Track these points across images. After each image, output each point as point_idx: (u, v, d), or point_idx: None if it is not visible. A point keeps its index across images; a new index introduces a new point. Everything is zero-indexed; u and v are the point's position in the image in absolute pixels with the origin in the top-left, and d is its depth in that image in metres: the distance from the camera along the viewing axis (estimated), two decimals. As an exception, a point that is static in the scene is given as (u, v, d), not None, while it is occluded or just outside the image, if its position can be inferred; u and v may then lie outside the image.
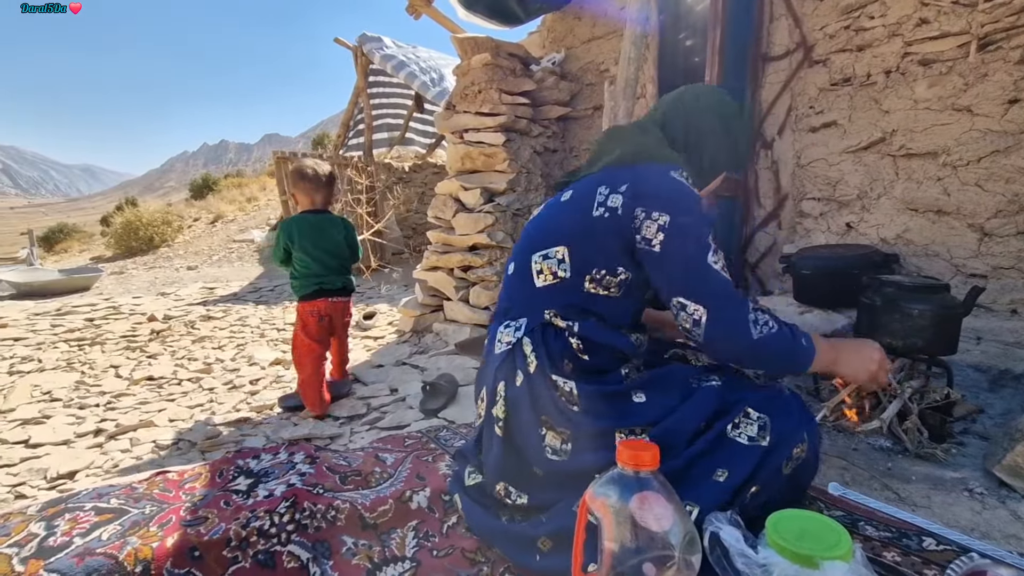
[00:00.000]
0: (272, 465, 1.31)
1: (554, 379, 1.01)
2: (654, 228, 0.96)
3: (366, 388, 2.49)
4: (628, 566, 0.73)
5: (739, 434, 0.97)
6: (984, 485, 1.17)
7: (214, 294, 5.50)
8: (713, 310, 0.94)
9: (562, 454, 1.01)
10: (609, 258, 1.02)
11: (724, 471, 0.95)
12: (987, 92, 2.02)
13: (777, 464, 0.97)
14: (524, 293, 1.10)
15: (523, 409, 1.03)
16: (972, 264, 2.07)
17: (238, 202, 12.63)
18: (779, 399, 1.02)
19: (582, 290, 1.05)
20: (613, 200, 1.01)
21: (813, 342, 1.00)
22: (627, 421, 0.99)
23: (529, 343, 1.05)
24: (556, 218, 1.10)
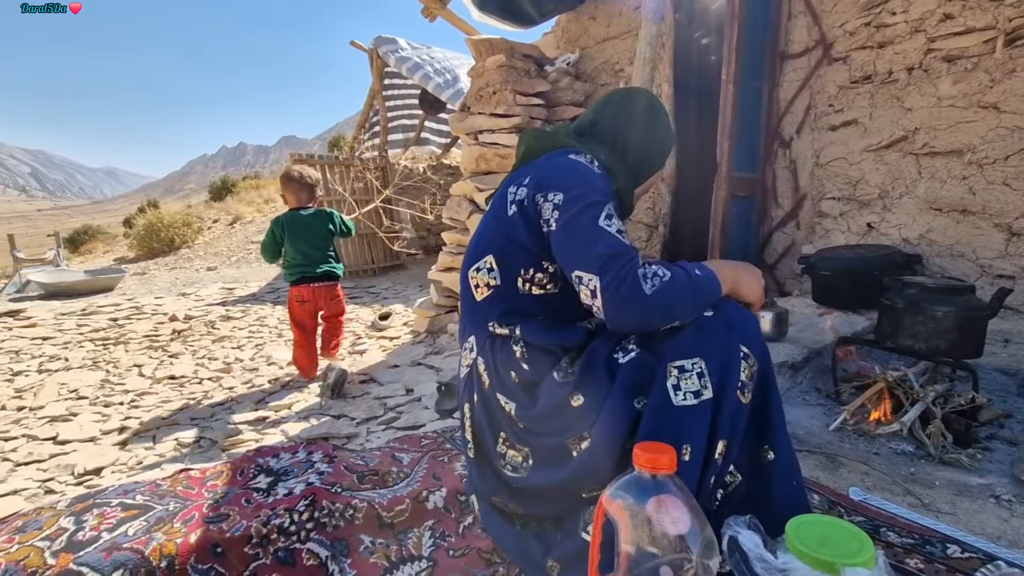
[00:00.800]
0: (291, 464, 1.33)
1: (499, 398, 1.01)
2: (550, 208, 0.95)
3: (382, 388, 2.51)
4: (645, 569, 0.73)
5: (684, 395, 0.86)
6: (1012, 492, 1.14)
7: (233, 294, 5.59)
8: (602, 276, 0.87)
9: (522, 471, 0.99)
10: (531, 256, 1.00)
11: (687, 445, 0.85)
12: (1015, 88, 1.97)
13: (732, 404, 0.87)
14: (470, 310, 1.10)
15: (484, 429, 1.04)
16: (999, 265, 2.02)
17: (256, 203, 12.82)
18: (700, 328, 0.89)
19: (519, 292, 1.02)
20: (519, 193, 1.01)
21: (713, 272, 0.93)
22: (571, 432, 0.94)
23: (482, 362, 1.04)
24: (481, 229, 1.09)
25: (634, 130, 1.14)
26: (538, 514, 1.04)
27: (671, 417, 0.86)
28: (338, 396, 2.44)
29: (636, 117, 1.15)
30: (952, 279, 1.70)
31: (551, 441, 0.96)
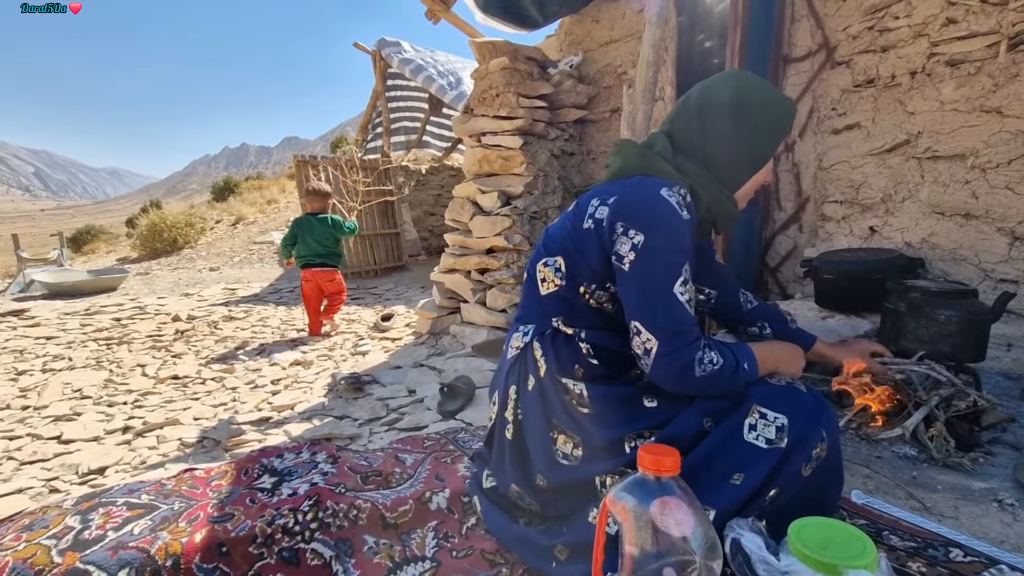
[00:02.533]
0: (295, 464, 1.34)
1: (564, 382, 1.03)
2: (628, 246, 0.95)
3: (384, 389, 2.52)
4: (649, 571, 0.73)
5: (756, 436, 0.93)
6: (1015, 496, 1.15)
7: (236, 295, 5.61)
8: (663, 344, 0.93)
9: (572, 459, 1.02)
10: (595, 273, 1.02)
11: (740, 475, 0.92)
12: (1018, 93, 1.97)
13: (796, 466, 0.93)
14: (532, 300, 1.13)
15: (535, 414, 1.05)
16: (1002, 269, 2.02)
17: (258, 204, 12.85)
18: (794, 396, 0.97)
19: (580, 299, 1.05)
20: (600, 212, 1.00)
21: (757, 361, 0.99)
22: (636, 425, 0.99)
23: (539, 347, 1.07)
24: (559, 226, 1.11)
25: (714, 137, 1.05)
26: (551, 512, 1.06)
27: (737, 446, 0.93)
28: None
29: (716, 120, 1.04)
30: (955, 283, 1.70)
31: (610, 433, 0.99)
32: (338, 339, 3.62)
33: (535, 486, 1.06)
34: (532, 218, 3.27)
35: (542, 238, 1.15)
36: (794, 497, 0.95)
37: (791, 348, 1.10)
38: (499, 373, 1.16)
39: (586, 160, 3.74)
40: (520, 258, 3.21)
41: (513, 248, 3.18)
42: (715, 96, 1.05)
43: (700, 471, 0.95)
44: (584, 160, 3.75)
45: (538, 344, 1.07)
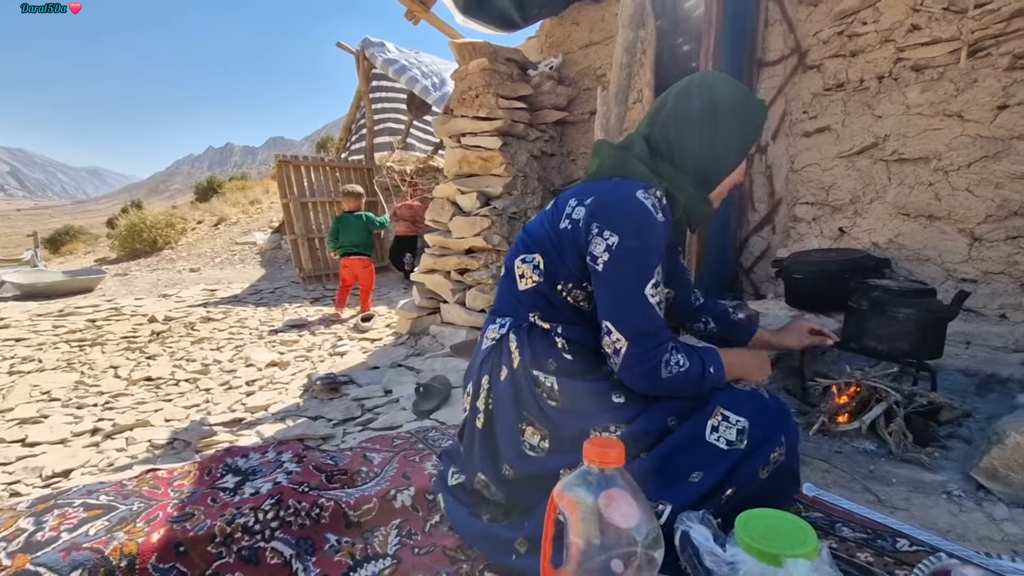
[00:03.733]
0: (260, 463, 1.33)
1: (536, 375, 1.04)
2: (602, 247, 0.96)
3: (360, 389, 2.51)
4: (597, 563, 0.74)
5: (718, 438, 0.96)
6: (963, 488, 1.18)
7: (215, 296, 5.54)
8: (632, 345, 0.96)
9: (539, 451, 1.03)
10: (572, 273, 1.04)
11: (699, 473, 0.95)
12: (977, 98, 2.03)
13: (754, 468, 0.96)
14: (509, 294, 1.14)
15: (506, 404, 1.06)
16: (963, 269, 2.08)
17: (241, 205, 12.69)
18: (757, 401, 1.00)
19: (558, 296, 1.07)
20: (577, 212, 1.02)
21: (723, 366, 1.01)
22: (603, 419, 1.00)
23: (514, 339, 1.08)
24: (538, 223, 1.12)
25: (690, 139, 1.06)
26: (515, 504, 1.08)
27: (698, 446, 0.96)
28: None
29: (692, 123, 1.05)
30: (915, 282, 1.74)
31: (577, 425, 1.01)
32: (317, 339, 3.60)
33: (502, 476, 1.07)
34: (511, 219, 3.29)
35: (520, 234, 1.16)
36: (749, 496, 0.97)
37: (758, 355, 1.12)
38: (473, 364, 1.17)
39: (566, 161, 3.76)
40: (499, 258, 3.22)
41: (492, 248, 3.19)
42: (690, 99, 1.06)
43: (661, 467, 0.97)
44: (564, 161, 3.77)
45: (514, 336, 1.08)
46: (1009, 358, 1.74)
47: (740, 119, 1.07)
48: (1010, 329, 1.85)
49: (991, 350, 1.81)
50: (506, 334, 1.09)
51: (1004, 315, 1.95)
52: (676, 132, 1.07)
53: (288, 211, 6.17)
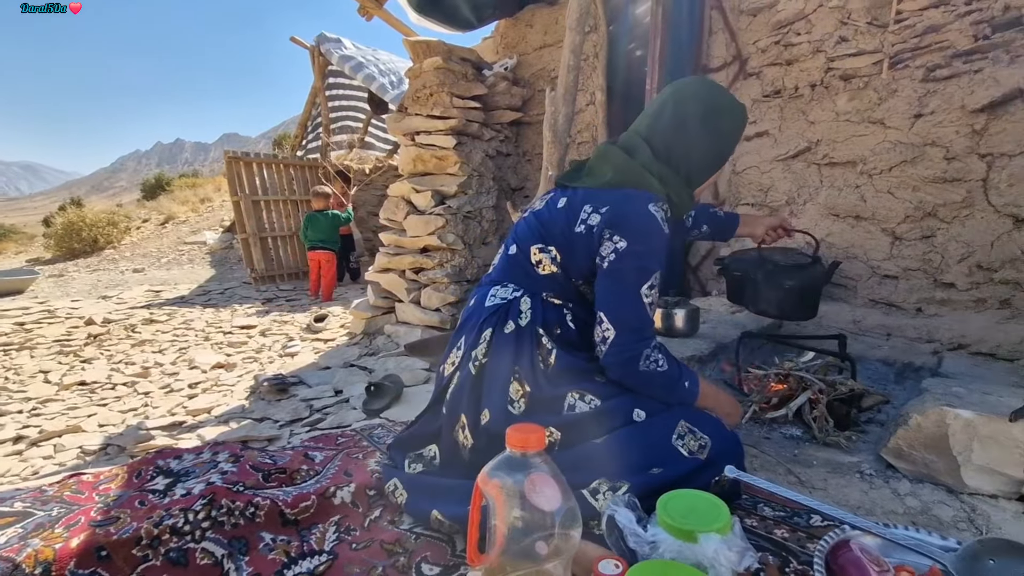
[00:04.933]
0: (194, 465, 1.29)
1: (540, 333, 1.13)
2: (610, 248, 1.07)
3: (310, 390, 2.46)
4: (522, 546, 0.76)
5: (682, 445, 1.05)
6: (874, 467, 1.27)
7: (160, 297, 5.30)
8: (619, 335, 1.07)
9: (516, 408, 1.10)
10: (583, 270, 1.15)
11: (659, 469, 1.02)
12: (897, 107, 2.17)
13: (707, 479, 1.04)
14: (525, 274, 1.21)
15: (503, 354, 1.13)
16: (886, 266, 2.22)
17: (191, 203, 12.17)
18: (720, 426, 1.10)
19: (573, 286, 1.18)
20: (592, 219, 1.11)
21: (699, 387, 1.13)
22: (581, 386, 1.09)
23: (528, 302, 1.17)
24: (552, 221, 1.19)
25: (689, 143, 1.16)
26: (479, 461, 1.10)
27: (661, 445, 1.04)
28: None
29: (692, 129, 1.15)
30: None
31: (555, 390, 1.09)
32: (267, 340, 3.50)
33: (479, 421, 1.12)
34: (466, 217, 3.29)
35: (530, 218, 1.24)
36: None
37: (734, 403, 1.25)
38: (469, 320, 1.22)
39: (521, 161, 3.80)
40: (454, 257, 3.22)
41: (447, 247, 3.19)
42: (690, 107, 1.16)
43: (623, 452, 1.03)
44: (520, 161, 3.80)
45: (528, 300, 1.17)
46: (923, 348, 1.88)
47: (732, 124, 1.20)
48: (924, 322, 2.00)
49: (908, 341, 1.95)
50: (520, 297, 1.18)
51: (920, 309, 2.10)
52: (676, 138, 1.17)
53: (239, 209, 5.98)
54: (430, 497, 1.12)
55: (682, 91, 1.19)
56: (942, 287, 2.07)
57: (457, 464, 1.17)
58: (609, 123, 3.39)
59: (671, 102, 1.19)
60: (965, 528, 1.05)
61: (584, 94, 3.41)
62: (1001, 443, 1.10)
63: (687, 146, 1.16)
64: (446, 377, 1.22)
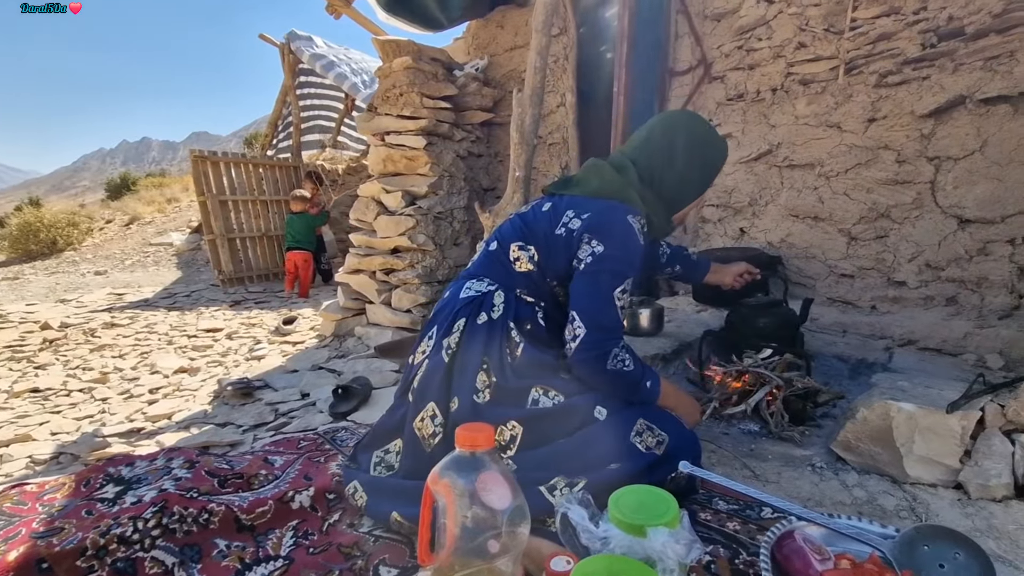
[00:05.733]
0: (147, 471, 1.26)
1: (511, 327, 1.17)
2: (588, 251, 1.14)
3: (276, 394, 2.41)
4: (473, 544, 0.77)
5: (640, 441, 1.08)
6: (825, 460, 1.31)
7: (122, 300, 5.14)
8: (589, 333, 1.11)
9: (481, 397, 1.12)
10: (560, 272, 1.20)
11: (617, 464, 1.05)
12: (852, 111, 2.25)
13: (663, 475, 1.07)
14: (502, 271, 1.26)
15: (475, 344, 1.15)
16: (842, 265, 2.30)
17: (157, 203, 11.81)
18: (678, 425, 1.14)
19: (548, 286, 1.23)
20: (573, 223, 1.18)
21: (660, 387, 1.19)
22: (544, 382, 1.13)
23: (501, 296, 1.20)
24: (535, 223, 1.26)
25: (676, 172, 1.26)
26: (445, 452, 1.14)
27: (619, 442, 1.06)
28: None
29: (675, 161, 1.25)
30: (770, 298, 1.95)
31: (520, 383, 1.12)
32: (233, 344, 3.43)
33: (448, 408, 1.14)
34: (437, 218, 3.28)
35: (515, 219, 1.31)
36: None
37: (694, 403, 1.32)
38: (441, 312, 1.25)
39: (493, 162, 3.80)
40: (425, 258, 3.21)
41: (418, 248, 3.17)
42: (678, 137, 1.27)
43: (583, 450, 1.06)
44: (492, 162, 3.81)
45: (502, 294, 1.20)
46: (876, 344, 1.95)
47: (712, 158, 1.31)
48: (878, 319, 2.07)
49: (862, 338, 2.01)
50: (494, 291, 1.21)
51: (874, 306, 2.18)
52: (660, 164, 1.27)
53: (205, 209, 5.83)
54: (390, 498, 1.12)
55: (671, 121, 1.30)
56: (894, 285, 2.15)
57: (420, 457, 1.16)
58: (580, 124, 3.42)
59: (659, 130, 1.29)
60: (907, 516, 1.10)
61: (555, 95, 3.44)
62: (940, 434, 1.15)
63: (670, 173, 1.26)
64: (415, 366, 1.24)
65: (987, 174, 1.92)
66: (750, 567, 0.94)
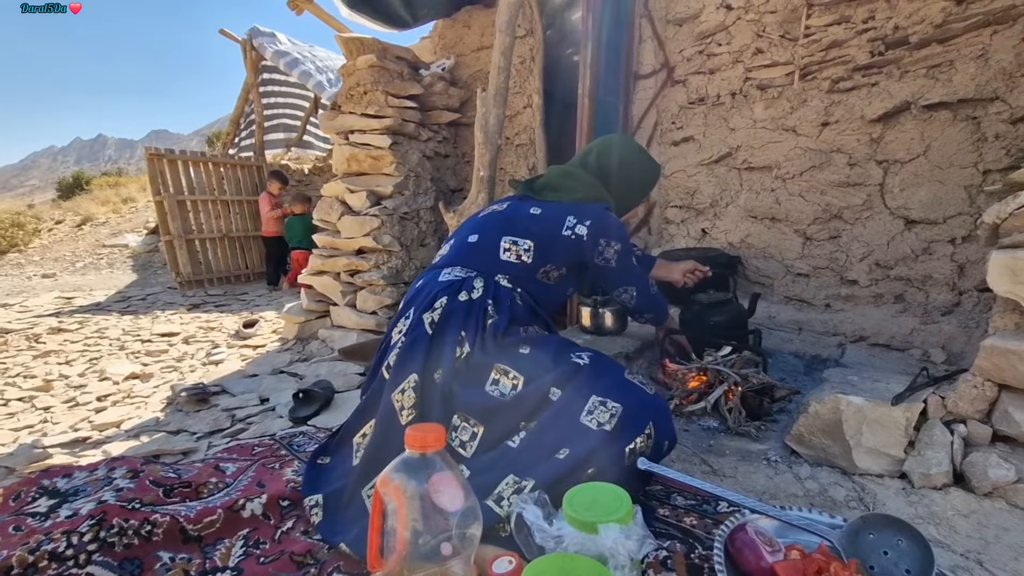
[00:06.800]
0: (86, 483, 1.19)
1: (489, 306, 1.26)
2: (612, 252, 1.42)
3: (233, 399, 2.33)
4: (424, 548, 0.75)
5: (591, 420, 1.06)
6: (780, 454, 1.34)
7: (71, 304, 4.90)
8: (638, 289, 1.54)
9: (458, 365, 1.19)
10: (561, 261, 1.41)
11: (566, 450, 1.03)
12: (806, 115, 2.32)
13: (619, 451, 1.04)
14: (484, 260, 1.37)
15: (455, 317, 1.23)
16: (798, 265, 2.36)
17: (112, 203, 11.32)
18: (635, 392, 1.13)
19: (535, 276, 1.40)
20: (579, 229, 1.39)
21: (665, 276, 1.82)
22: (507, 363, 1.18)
23: (481, 281, 1.31)
24: (528, 221, 1.42)
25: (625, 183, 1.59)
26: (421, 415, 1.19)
27: (569, 424, 1.07)
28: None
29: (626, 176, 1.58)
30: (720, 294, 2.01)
31: (486, 360, 1.19)
32: (190, 348, 3.30)
33: (432, 379, 1.19)
34: (403, 219, 3.24)
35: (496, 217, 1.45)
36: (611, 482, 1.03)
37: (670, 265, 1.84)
38: (419, 295, 1.32)
39: (461, 163, 3.78)
40: (391, 259, 3.16)
41: (383, 249, 3.12)
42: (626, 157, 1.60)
43: (532, 444, 1.05)
44: (459, 162, 3.78)
45: (482, 280, 1.31)
46: (830, 341, 2.01)
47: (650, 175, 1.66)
48: (831, 316, 2.14)
49: (817, 335, 2.08)
50: (474, 277, 1.32)
51: (828, 304, 2.25)
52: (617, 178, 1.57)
53: (162, 210, 5.62)
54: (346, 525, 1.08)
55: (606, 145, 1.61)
56: (847, 284, 2.23)
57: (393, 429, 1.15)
58: (546, 126, 3.43)
59: (595, 152, 1.61)
60: (856, 507, 1.13)
61: (521, 97, 3.44)
62: (886, 426, 1.19)
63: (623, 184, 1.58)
64: (392, 344, 1.26)
65: (930, 177, 2.01)
66: (705, 561, 0.95)
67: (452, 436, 1.14)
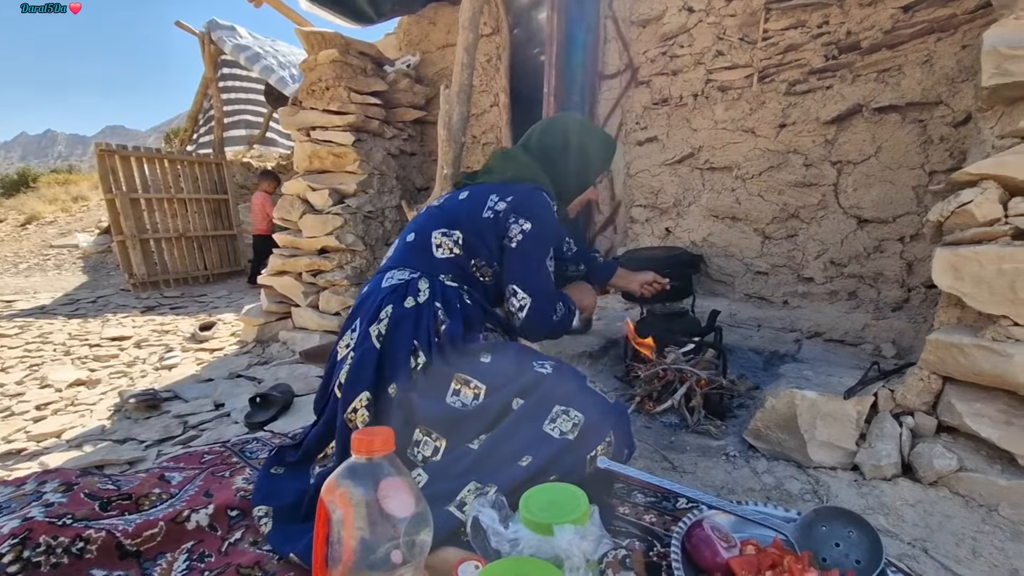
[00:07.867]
0: (10, 499, 1.11)
1: (437, 308, 1.19)
2: (517, 230, 1.24)
3: (186, 405, 2.23)
4: (373, 557, 0.72)
5: (553, 428, 1.05)
6: (738, 449, 1.36)
7: (12, 307, 4.62)
8: (535, 301, 1.26)
9: (414, 378, 1.14)
10: (489, 252, 1.27)
11: (529, 457, 1.01)
12: (765, 117, 2.37)
13: (580, 458, 1.03)
14: (423, 259, 1.28)
15: (404, 326, 1.16)
16: (758, 263, 2.42)
17: (61, 201, 10.75)
18: (597, 400, 1.12)
19: (470, 268, 1.28)
20: (499, 206, 1.27)
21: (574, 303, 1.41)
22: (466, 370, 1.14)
23: (426, 282, 1.23)
24: (456, 209, 1.32)
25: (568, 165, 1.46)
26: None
27: (531, 432, 1.05)
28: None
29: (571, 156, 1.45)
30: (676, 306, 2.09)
31: (446, 369, 1.14)
32: (141, 352, 3.15)
33: (386, 395, 1.13)
34: (367, 217, 3.17)
35: (432, 210, 1.36)
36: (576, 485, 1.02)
37: (583, 288, 1.55)
38: (364, 304, 1.25)
39: (427, 161, 3.73)
40: (354, 258, 3.09)
41: (346, 248, 3.05)
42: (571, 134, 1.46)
43: (498, 447, 1.03)
44: (425, 161, 3.73)
45: (426, 281, 1.23)
46: (787, 337, 2.06)
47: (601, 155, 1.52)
48: (789, 313, 2.19)
49: (775, 331, 2.12)
50: (418, 278, 1.23)
51: (786, 301, 2.31)
52: (560, 159, 1.44)
53: (114, 208, 5.36)
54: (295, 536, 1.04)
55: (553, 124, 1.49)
56: (803, 281, 2.29)
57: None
58: (513, 124, 3.42)
59: (536, 133, 1.48)
60: (810, 499, 1.15)
61: (488, 95, 3.42)
62: (839, 419, 1.21)
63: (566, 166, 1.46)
64: (340, 361, 1.19)
65: (881, 177, 2.08)
66: (663, 559, 0.95)
67: (415, 452, 1.10)
